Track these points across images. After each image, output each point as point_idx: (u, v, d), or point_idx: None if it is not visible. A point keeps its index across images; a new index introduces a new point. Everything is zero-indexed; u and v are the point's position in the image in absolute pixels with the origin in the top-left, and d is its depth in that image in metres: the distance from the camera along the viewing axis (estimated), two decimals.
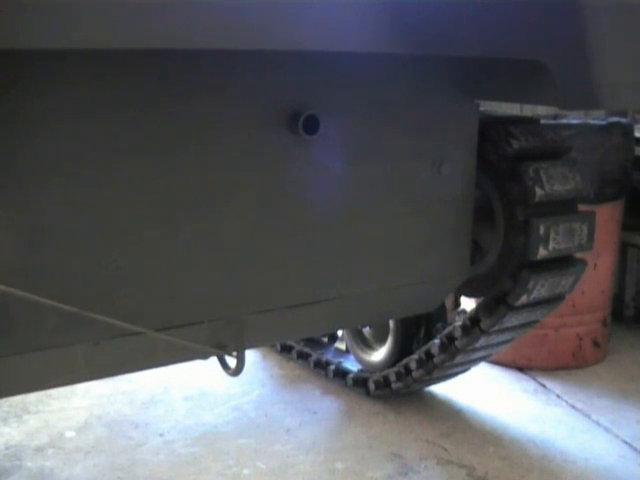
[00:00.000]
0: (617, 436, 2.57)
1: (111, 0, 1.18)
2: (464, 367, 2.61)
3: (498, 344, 2.42)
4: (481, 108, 2.10)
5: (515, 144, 2.07)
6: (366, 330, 2.90)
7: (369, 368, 2.84)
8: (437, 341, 2.43)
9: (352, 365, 2.94)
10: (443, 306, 2.57)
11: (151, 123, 1.58)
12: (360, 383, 2.84)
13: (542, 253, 2.04)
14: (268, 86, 1.71)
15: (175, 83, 1.59)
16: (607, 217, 3.03)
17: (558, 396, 2.88)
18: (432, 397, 2.87)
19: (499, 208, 2.12)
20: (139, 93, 1.55)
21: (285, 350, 3.18)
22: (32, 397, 2.79)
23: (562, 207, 2.11)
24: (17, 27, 1.12)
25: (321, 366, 3.00)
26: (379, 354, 2.82)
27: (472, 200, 2.13)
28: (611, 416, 2.71)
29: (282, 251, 1.83)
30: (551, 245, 2.04)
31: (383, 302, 2.13)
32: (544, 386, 2.97)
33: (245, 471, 2.35)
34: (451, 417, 2.71)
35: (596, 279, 3.05)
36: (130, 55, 1.43)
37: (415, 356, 2.54)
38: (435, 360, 2.45)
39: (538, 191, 2.01)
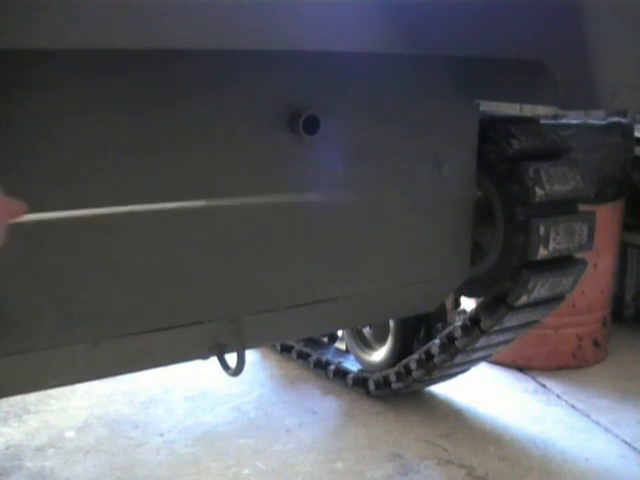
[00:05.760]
0: (617, 436, 2.57)
1: (111, 0, 1.18)
2: (464, 367, 2.61)
3: (498, 344, 2.42)
4: (481, 108, 2.10)
5: (515, 144, 2.06)
6: (366, 330, 2.90)
7: (369, 368, 2.84)
8: (437, 341, 2.43)
9: (352, 365, 2.93)
10: (443, 306, 2.56)
11: (151, 123, 1.57)
12: (360, 383, 2.84)
13: (542, 253, 2.04)
14: (268, 86, 1.71)
15: (175, 83, 1.59)
16: (607, 217, 3.02)
17: (558, 396, 2.88)
18: (432, 397, 2.87)
19: (499, 208, 2.12)
20: (138, 93, 1.55)
21: (285, 350, 3.18)
22: (32, 397, 2.79)
23: (562, 207, 2.11)
24: (17, 27, 1.12)
25: (321, 366, 2.99)
26: (379, 354, 2.82)
27: (472, 200, 2.13)
28: (611, 416, 2.70)
29: (282, 251, 1.83)
30: (551, 245, 2.04)
31: (383, 302, 2.13)
32: (544, 386, 2.97)
33: (245, 471, 2.35)
34: (451, 417, 2.71)
35: (596, 279, 3.05)
36: (130, 55, 1.43)
37: (415, 356, 2.54)
38: (435, 360, 2.45)
39: (538, 191, 2.01)
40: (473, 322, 2.26)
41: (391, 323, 2.74)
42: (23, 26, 1.11)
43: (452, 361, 2.42)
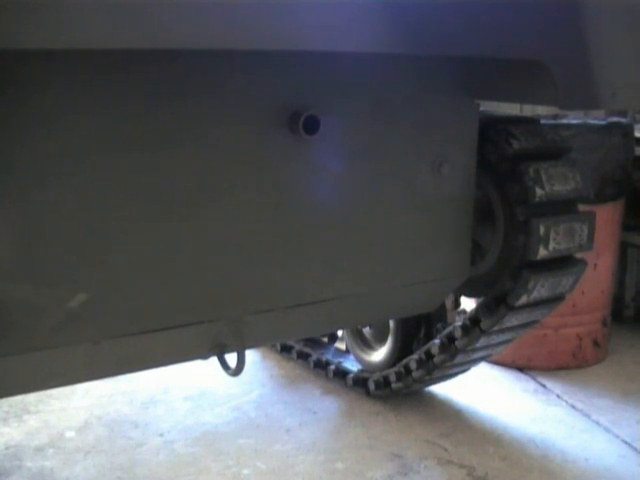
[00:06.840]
0: (617, 436, 2.57)
1: (110, 0, 1.18)
2: (464, 367, 2.61)
3: (498, 344, 2.42)
4: (481, 108, 2.11)
5: (515, 144, 2.06)
6: (366, 330, 2.90)
7: (369, 368, 2.84)
8: (437, 341, 2.43)
9: (352, 365, 2.94)
10: (443, 306, 2.57)
11: (151, 123, 1.57)
12: (360, 383, 2.84)
13: (542, 253, 2.04)
14: (268, 86, 1.71)
15: (175, 83, 1.59)
16: (607, 217, 3.03)
17: (558, 396, 2.88)
18: (432, 397, 2.87)
19: (499, 208, 2.12)
20: (138, 93, 1.55)
21: (285, 350, 3.18)
22: (32, 397, 2.79)
23: (562, 207, 2.11)
24: (16, 27, 1.12)
25: (321, 366, 3.00)
26: (379, 354, 2.82)
27: (472, 200, 2.13)
28: (611, 416, 2.71)
29: (282, 251, 1.83)
30: (551, 245, 2.04)
31: (383, 302, 2.13)
32: (544, 386, 2.97)
33: (245, 471, 2.35)
34: (451, 417, 2.71)
35: (596, 279, 3.05)
36: (130, 55, 1.43)
37: (415, 356, 2.54)
38: (435, 360, 2.45)
39: (538, 191, 2.01)
40: (473, 322, 2.26)
41: (391, 323, 2.75)
42: (21, 26, 1.11)
43: (452, 361, 2.42)
